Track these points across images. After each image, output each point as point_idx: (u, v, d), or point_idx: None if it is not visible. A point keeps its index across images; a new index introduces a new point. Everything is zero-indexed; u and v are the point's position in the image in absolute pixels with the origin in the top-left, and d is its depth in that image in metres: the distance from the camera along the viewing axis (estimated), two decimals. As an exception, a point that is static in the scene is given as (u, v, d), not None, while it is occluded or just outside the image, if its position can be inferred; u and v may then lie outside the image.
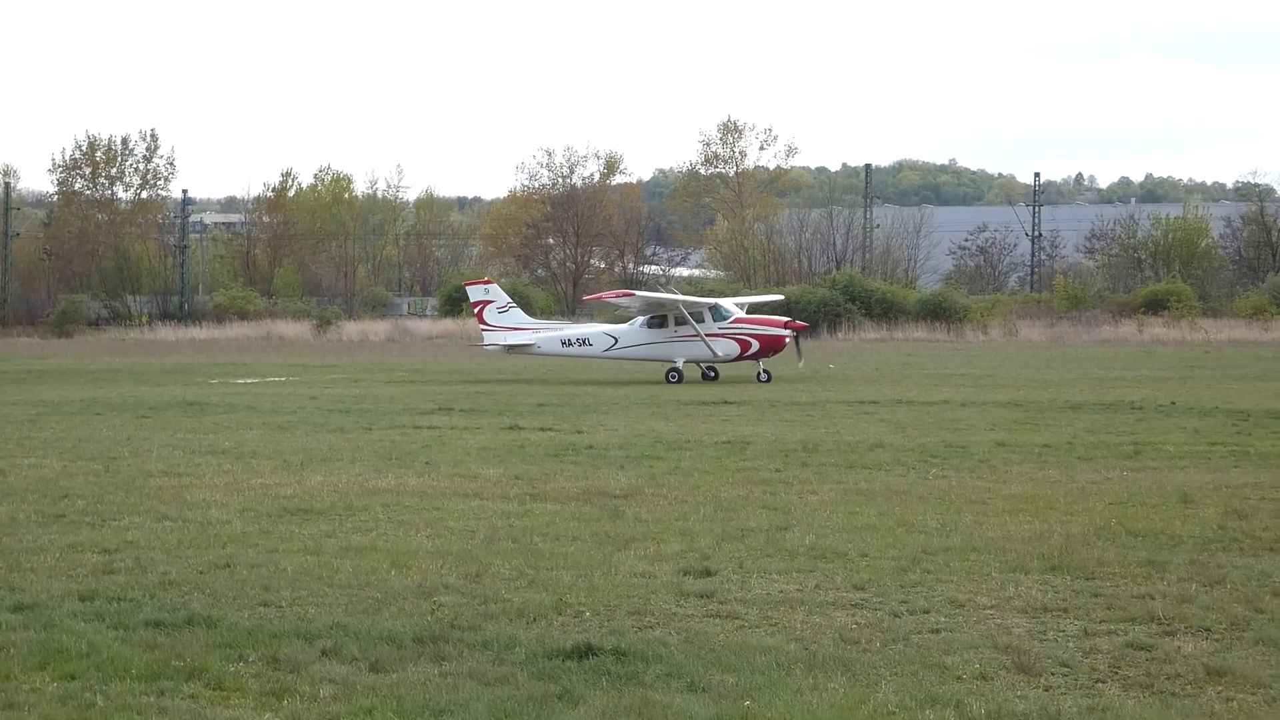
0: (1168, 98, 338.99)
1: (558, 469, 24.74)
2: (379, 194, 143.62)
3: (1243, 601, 13.94)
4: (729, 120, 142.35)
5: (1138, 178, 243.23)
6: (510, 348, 56.26)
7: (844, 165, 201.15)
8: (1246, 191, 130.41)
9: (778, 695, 10.98)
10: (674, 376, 51.22)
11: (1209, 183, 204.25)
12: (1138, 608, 13.71)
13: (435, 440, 29.70)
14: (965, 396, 42.25)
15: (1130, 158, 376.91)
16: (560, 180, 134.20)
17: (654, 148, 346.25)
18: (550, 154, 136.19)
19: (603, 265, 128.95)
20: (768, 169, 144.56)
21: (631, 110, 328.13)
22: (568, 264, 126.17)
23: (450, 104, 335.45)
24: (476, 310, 57.05)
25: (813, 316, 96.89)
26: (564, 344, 55.10)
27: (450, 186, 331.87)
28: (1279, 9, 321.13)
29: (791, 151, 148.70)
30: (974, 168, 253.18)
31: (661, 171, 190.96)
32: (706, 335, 51.70)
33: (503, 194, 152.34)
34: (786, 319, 54.72)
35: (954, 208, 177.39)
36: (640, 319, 53.98)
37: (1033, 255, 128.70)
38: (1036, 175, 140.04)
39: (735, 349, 51.95)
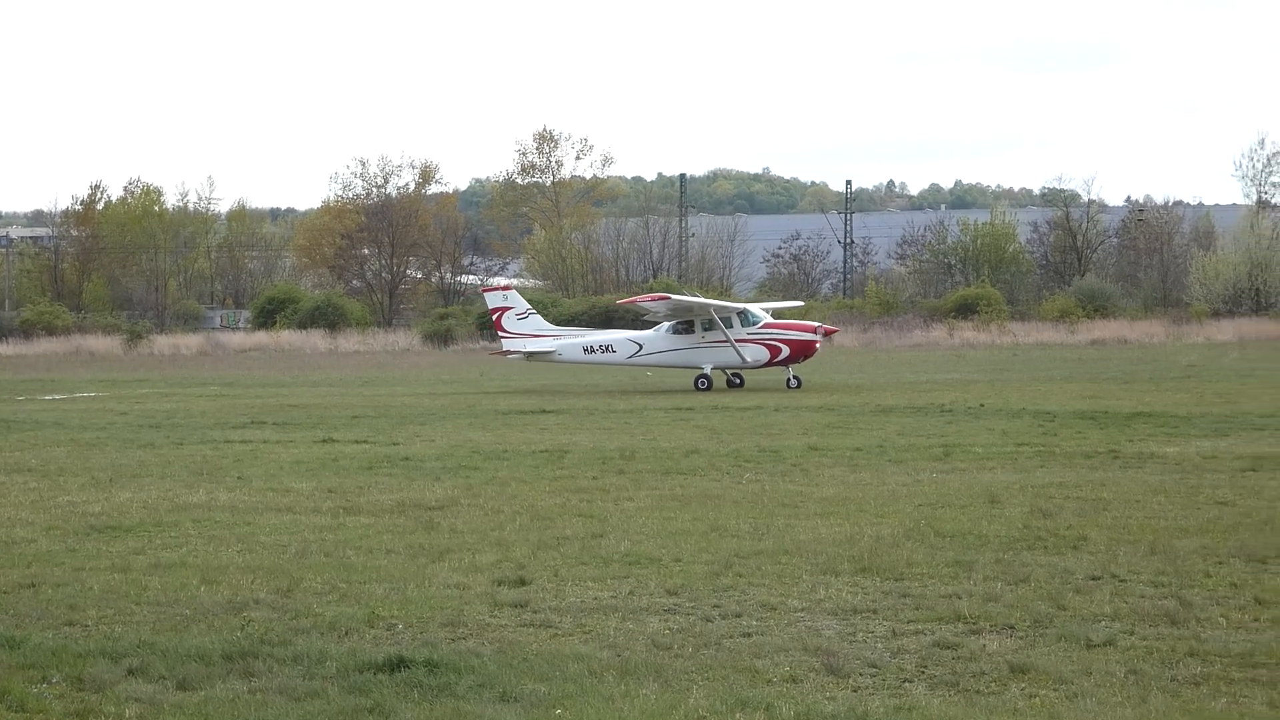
0: (977, 104, 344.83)
1: (372, 481, 24.58)
2: (190, 206, 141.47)
3: (1046, 599, 14.20)
4: (545, 130, 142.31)
5: (947, 184, 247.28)
6: (530, 355, 54.63)
7: (659, 175, 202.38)
8: (1053, 198, 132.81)
9: (589, 703, 11.01)
10: (703, 383, 50.44)
11: (1016, 189, 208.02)
12: (945, 607, 13.92)
13: (247, 454, 29.35)
14: (779, 401, 42.67)
15: (940, 164, 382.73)
16: (375, 190, 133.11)
17: (470, 157, 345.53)
18: (364, 164, 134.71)
19: (419, 275, 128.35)
20: (584, 178, 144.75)
21: (447, 120, 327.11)
22: (383, 274, 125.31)
23: (262, 114, 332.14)
24: (495, 317, 55.58)
25: (632, 325, 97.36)
26: (586, 350, 53.73)
27: (263, 198, 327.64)
28: (1083, 18, 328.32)
29: (607, 161, 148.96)
30: (787, 176, 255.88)
31: (478, 181, 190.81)
32: (736, 341, 50.81)
33: (316, 204, 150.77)
34: (817, 324, 54.14)
35: (768, 216, 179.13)
36: (666, 325, 52.78)
37: (845, 262, 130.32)
38: (848, 183, 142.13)
39: (765, 355, 51.08)
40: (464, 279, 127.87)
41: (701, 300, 54.54)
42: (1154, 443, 29.33)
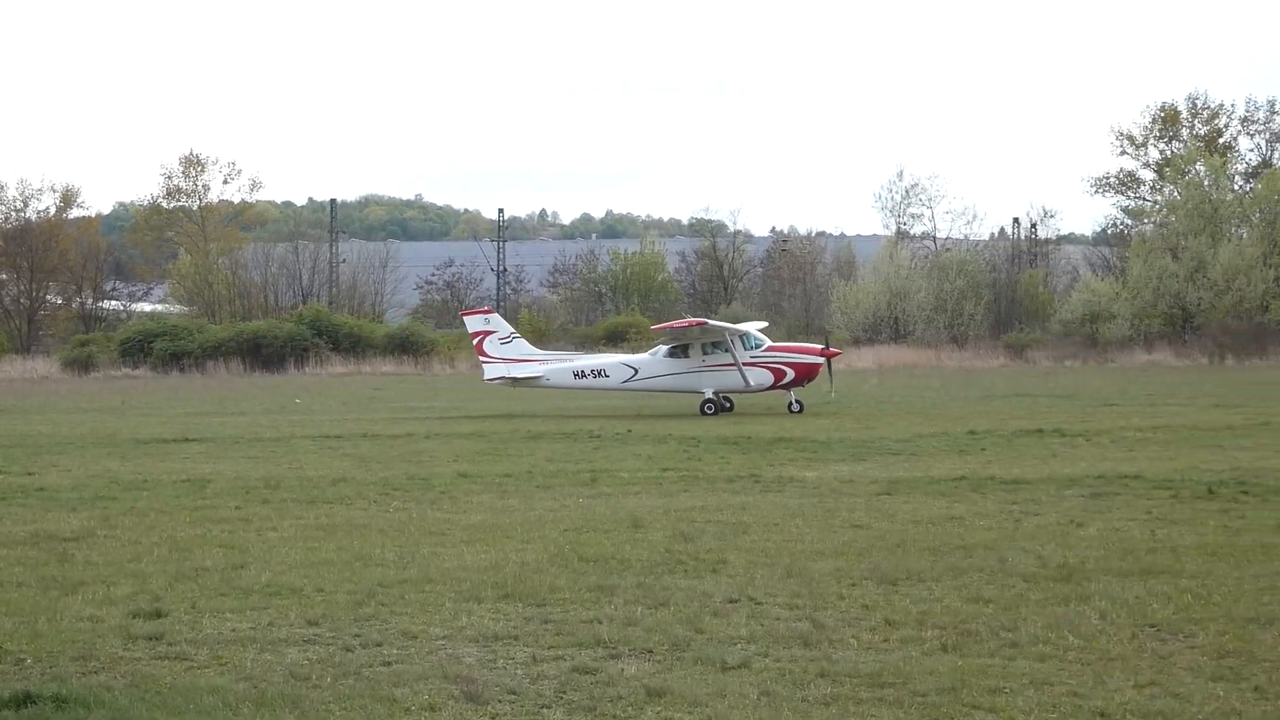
0: (626, 134, 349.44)
1: (4, 512, 23.77)
2: None
3: (684, 622, 14.40)
4: (191, 154, 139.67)
5: (599, 213, 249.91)
6: (515, 381, 52.54)
7: (310, 200, 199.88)
8: (700, 227, 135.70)
9: (223, 736, 10.81)
10: (709, 408, 48.57)
11: (665, 219, 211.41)
12: (585, 632, 14.02)
13: None
14: (430, 429, 42.56)
15: (591, 193, 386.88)
16: (13, 214, 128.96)
17: (113, 180, 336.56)
18: (2, 187, 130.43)
19: (59, 301, 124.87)
20: (232, 203, 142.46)
21: (89, 142, 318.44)
22: (21, 300, 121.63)
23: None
24: (476, 342, 53.13)
25: (280, 352, 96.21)
26: (576, 375, 51.65)
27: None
28: (730, 51, 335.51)
29: (256, 185, 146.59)
30: (440, 203, 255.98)
31: (122, 205, 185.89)
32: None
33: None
34: (822, 346, 52.58)
35: (421, 243, 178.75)
36: (662, 348, 50.94)
37: (498, 289, 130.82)
38: (500, 211, 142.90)
39: (769, 378, 49.46)
40: (106, 304, 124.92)
41: (721, 324, 52.49)
42: (794, 467, 30.08)
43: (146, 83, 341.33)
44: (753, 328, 52.98)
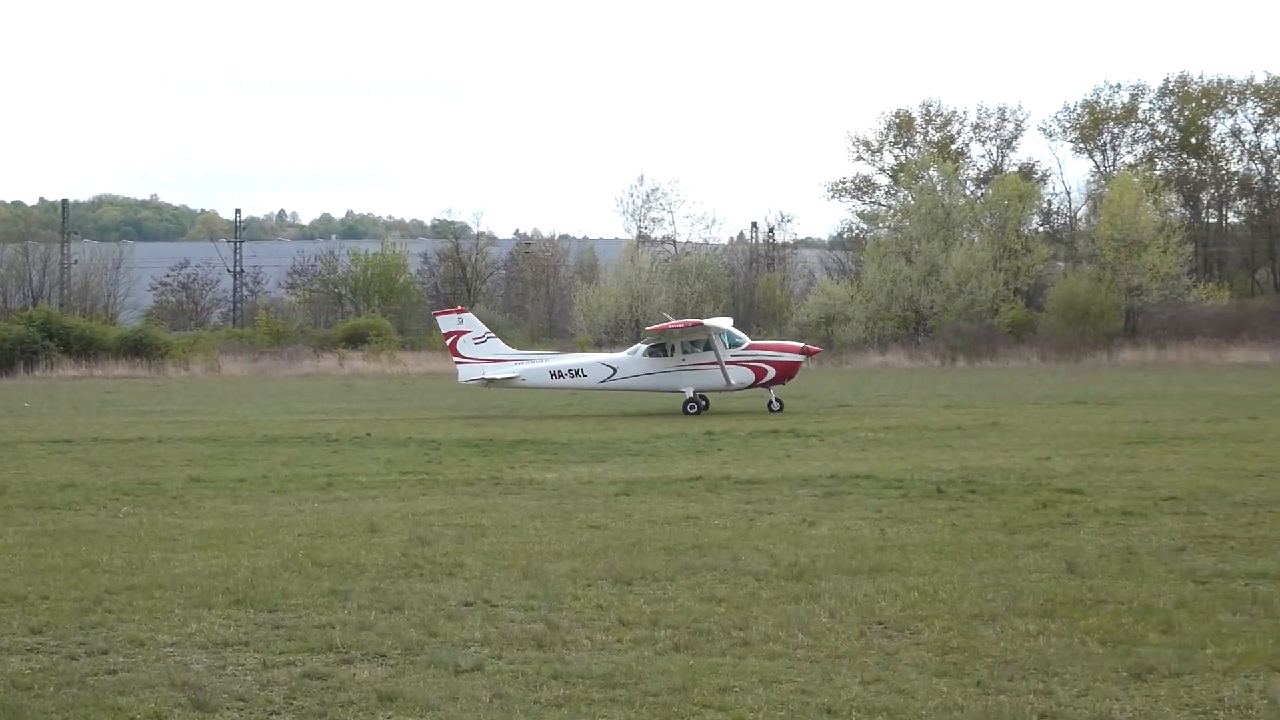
0: (366, 135, 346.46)
1: None
2: None
3: (418, 626, 14.31)
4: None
5: (339, 214, 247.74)
6: (490, 381, 50.80)
7: (41, 200, 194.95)
8: (443, 229, 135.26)
9: (-63, 751, 10.48)
10: (692, 408, 47.33)
11: (408, 220, 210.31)
12: (318, 638, 13.85)
13: None
14: (163, 433, 41.77)
15: (331, 195, 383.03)
16: None
17: None
18: None
19: None
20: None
21: None
22: None
23: None
24: (449, 342, 51.21)
25: (9, 355, 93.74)
26: (553, 375, 50.04)
27: None
28: (472, 49, 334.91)
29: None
30: (176, 203, 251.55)
31: None
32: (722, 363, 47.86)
33: None
34: (802, 344, 51.29)
35: (156, 244, 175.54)
36: (642, 347, 49.78)
37: (235, 291, 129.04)
38: (238, 211, 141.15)
39: (750, 377, 48.34)
40: None
41: (709, 323, 50.84)
42: (534, 469, 30.12)
43: None
44: (724, 323, 52.43)
